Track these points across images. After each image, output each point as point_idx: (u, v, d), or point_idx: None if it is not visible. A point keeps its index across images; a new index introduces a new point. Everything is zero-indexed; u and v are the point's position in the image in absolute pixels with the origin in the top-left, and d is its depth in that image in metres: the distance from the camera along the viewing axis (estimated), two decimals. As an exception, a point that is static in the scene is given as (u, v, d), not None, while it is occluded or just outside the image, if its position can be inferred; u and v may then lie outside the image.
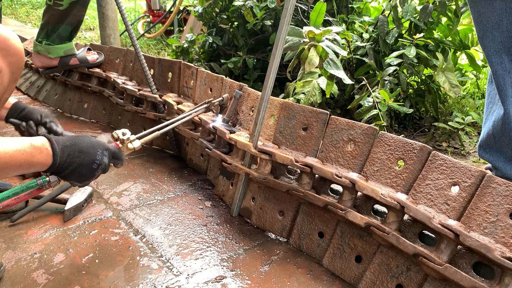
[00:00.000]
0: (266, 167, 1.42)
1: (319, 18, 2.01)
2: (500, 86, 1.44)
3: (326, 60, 1.79)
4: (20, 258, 1.28)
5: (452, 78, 2.15)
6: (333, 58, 1.80)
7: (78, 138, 1.09)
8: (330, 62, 1.80)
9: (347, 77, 1.83)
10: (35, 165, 1.00)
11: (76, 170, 1.06)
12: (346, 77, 1.82)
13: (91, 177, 1.10)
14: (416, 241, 1.14)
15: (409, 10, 2.25)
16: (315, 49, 1.77)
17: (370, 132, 1.25)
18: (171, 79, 2.03)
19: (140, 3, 6.48)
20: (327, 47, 1.78)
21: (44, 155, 1.01)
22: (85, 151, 1.07)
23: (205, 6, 2.91)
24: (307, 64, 1.76)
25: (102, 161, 1.10)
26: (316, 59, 1.76)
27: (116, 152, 1.17)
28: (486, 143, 1.56)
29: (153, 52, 4.08)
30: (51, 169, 1.03)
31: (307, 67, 1.77)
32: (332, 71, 1.79)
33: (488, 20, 1.39)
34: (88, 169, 1.08)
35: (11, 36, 1.17)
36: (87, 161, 1.07)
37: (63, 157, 1.03)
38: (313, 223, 1.38)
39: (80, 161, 1.06)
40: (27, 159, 0.97)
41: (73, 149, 1.05)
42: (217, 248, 1.38)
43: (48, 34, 2.26)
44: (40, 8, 6.37)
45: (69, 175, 1.06)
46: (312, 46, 1.78)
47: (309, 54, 1.77)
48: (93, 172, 1.09)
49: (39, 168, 1.01)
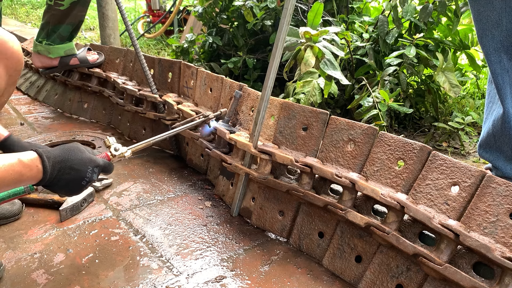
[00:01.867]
0: (266, 167, 1.42)
1: (317, 18, 2.00)
2: (499, 85, 1.44)
3: (323, 60, 1.78)
4: (20, 258, 1.28)
5: (452, 78, 2.15)
6: (330, 59, 1.80)
7: (69, 153, 1.06)
8: (327, 63, 1.79)
9: (344, 78, 1.83)
10: (23, 182, 0.98)
11: (64, 186, 1.05)
12: (343, 77, 1.82)
13: (79, 192, 1.10)
14: (416, 241, 1.14)
15: (409, 10, 2.25)
16: (311, 50, 1.77)
17: (370, 132, 1.25)
18: (171, 79, 2.03)
19: (140, 3, 6.48)
20: (323, 47, 1.78)
21: (34, 172, 0.98)
22: (76, 168, 1.05)
23: (205, 6, 2.91)
24: (303, 65, 1.76)
25: (91, 178, 1.09)
26: (312, 60, 1.76)
27: (106, 166, 1.16)
28: (486, 142, 1.56)
29: (153, 52, 4.08)
30: (40, 183, 1.02)
31: (303, 68, 1.76)
32: (329, 71, 1.79)
33: (488, 19, 1.39)
34: (77, 185, 1.07)
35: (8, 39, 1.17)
36: (77, 178, 1.06)
37: (53, 173, 1.01)
38: (313, 223, 1.38)
39: (70, 178, 1.05)
40: (15, 178, 0.95)
41: (64, 165, 1.03)
42: (217, 248, 1.38)
43: (49, 34, 2.26)
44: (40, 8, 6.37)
45: (58, 189, 1.06)
46: (308, 46, 1.78)
47: (305, 55, 1.76)
48: (81, 188, 1.09)
49: (29, 183, 1.00)
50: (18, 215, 1.46)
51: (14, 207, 1.45)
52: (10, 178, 0.94)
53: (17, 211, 1.45)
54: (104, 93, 2.31)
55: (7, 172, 0.93)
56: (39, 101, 2.71)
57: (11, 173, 0.93)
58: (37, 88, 2.78)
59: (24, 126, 2.31)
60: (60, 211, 1.47)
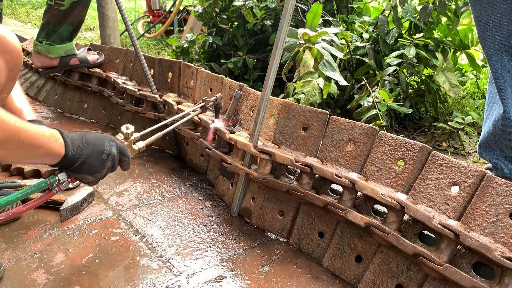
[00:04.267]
0: (266, 167, 1.42)
1: (316, 19, 2.00)
2: (499, 85, 1.44)
3: (321, 62, 1.78)
4: (20, 258, 1.28)
5: (452, 78, 2.15)
6: (329, 60, 1.79)
7: (84, 133, 1.12)
8: (325, 64, 1.79)
9: (343, 79, 1.83)
10: (50, 152, 1.02)
11: (86, 162, 1.08)
12: (342, 79, 1.82)
13: (102, 169, 1.12)
14: (416, 241, 1.14)
15: (409, 10, 2.25)
16: (309, 52, 1.77)
17: (370, 132, 1.25)
18: (171, 79, 2.03)
19: (140, 3, 6.48)
20: (322, 48, 1.78)
21: (59, 144, 1.03)
22: (93, 142, 1.10)
23: (205, 6, 2.91)
24: (301, 66, 1.76)
25: (110, 150, 1.12)
26: (311, 61, 1.76)
27: (122, 147, 1.19)
28: (486, 142, 1.56)
29: (153, 52, 4.08)
30: (62, 161, 1.05)
31: (302, 69, 1.76)
32: (327, 73, 1.78)
33: (489, 19, 1.39)
34: (97, 159, 1.10)
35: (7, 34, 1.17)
36: (96, 151, 1.09)
37: (74, 149, 1.06)
38: (313, 223, 1.38)
39: (89, 152, 1.08)
40: (46, 142, 0.99)
41: (81, 141, 1.08)
42: (217, 248, 1.38)
43: (49, 34, 2.26)
44: (40, 8, 6.37)
45: (80, 167, 1.08)
46: (307, 48, 1.78)
47: (304, 57, 1.76)
48: (103, 163, 1.11)
49: (52, 157, 1.03)
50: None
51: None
52: (43, 140, 0.98)
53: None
54: (104, 93, 2.31)
55: (41, 133, 0.98)
56: (39, 101, 2.71)
57: (43, 135, 0.99)
58: (37, 88, 2.78)
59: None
60: (60, 211, 1.47)
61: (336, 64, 1.83)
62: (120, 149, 1.18)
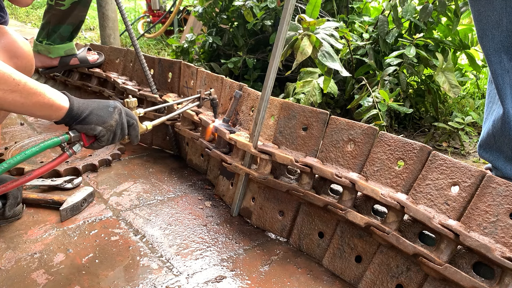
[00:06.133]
0: (266, 167, 1.42)
1: (315, 11, 2.00)
2: (499, 86, 1.44)
3: (321, 52, 1.77)
4: (20, 258, 1.28)
5: (452, 78, 2.15)
6: (328, 51, 1.78)
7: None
8: (325, 55, 1.78)
9: (344, 69, 1.81)
10: (53, 103, 1.03)
11: (93, 112, 1.09)
12: (343, 69, 1.81)
13: (110, 119, 1.12)
14: (416, 241, 1.14)
15: (409, 10, 2.25)
16: (308, 39, 1.75)
17: (370, 132, 1.25)
18: (171, 79, 2.03)
19: (140, 3, 6.48)
20: (322, 39, 1.77)
21: (63, 99, 1.06)
22: (97, 101, 1.14)
23: (205, 6, 2.91)
24: (299, 54, 1.74)
25: (115, 104, 1.14)
26: (309, 48, 1.74)
27: (127, 110, 1.21)
28: (486, 142, 1.56)
29: (153, 52, 4.08)
30: (68, 115, 1.06)
31: (299, 57, 1.75)
32: (327, 63, 1.77)
33: (488, 19, 1.39)
34: (104, 110, 1.12)
35: (19, 39, 1.18)
36: (102, 105, 1.12)
37: (78, 103, 1.08)
38: (313, 223, 1.38)
39: (95, 106, 1.11)
40: (46, 92, 1.02)
41: (85, 102, 1.11)
42: (217, 248, 1.38)
43: (49, 34, 2.27)
44: (40, 8, 6.37)
45: (88, 117, 1.09)
46: (305, 35, 1.76)
47: (302, 44, 1.74)
48: (110, 114, 1.12)
49: (56, 109, 1.04)
50: (18, 215, 1.46)
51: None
52: (50, 92, 1.01)
53: (17, 211, 1.45)
54: (104, 93, 2.31)
55: (47, 88, 1.02)
56: (39, 101, 2.71)
57: (49, 88, 1.02)
58: (37, 88, 2.78)
59: (24, 126, 2.31)
60: (60, 211, 1.47)
61: (336, 55, 1.82)
62: (126, 111, 1.19)
